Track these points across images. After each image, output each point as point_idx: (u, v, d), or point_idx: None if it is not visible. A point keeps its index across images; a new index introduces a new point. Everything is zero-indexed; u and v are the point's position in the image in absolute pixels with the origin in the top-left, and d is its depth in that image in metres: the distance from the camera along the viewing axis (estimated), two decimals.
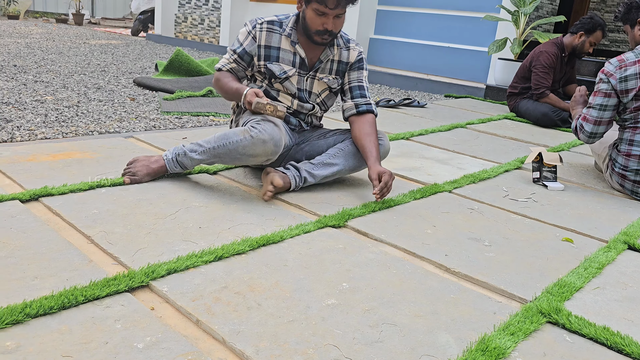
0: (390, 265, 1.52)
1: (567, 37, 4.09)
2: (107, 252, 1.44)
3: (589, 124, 2.43)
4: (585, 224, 2.03)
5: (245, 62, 2.13)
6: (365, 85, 2.23)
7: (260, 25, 2.10)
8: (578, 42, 4.02)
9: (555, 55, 4.03)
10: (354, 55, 2.20)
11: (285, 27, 2.11)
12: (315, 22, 1.98)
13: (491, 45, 4.83)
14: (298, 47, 2.11)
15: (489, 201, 2.19)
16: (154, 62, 6.16)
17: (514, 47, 4.84)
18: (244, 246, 1.51)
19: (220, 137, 1.96)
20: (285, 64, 2.12)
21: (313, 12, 1.97)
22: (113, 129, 2.86)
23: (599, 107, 2.40)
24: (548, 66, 4.02)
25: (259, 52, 2.10)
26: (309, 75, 2.16)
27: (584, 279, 1.52)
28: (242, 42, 2.11)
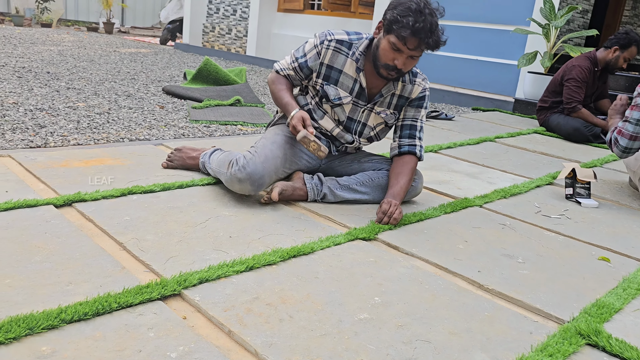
0: (423, 280, 1.49)
1: (600, 51, 4.02)
2: (139, 259, 1.45)
3: (624, 138, 2.38)
4: (622, 242, 1.97)
5: (303, 73, 2.06)
6: (418, 125, 2.11)
7: (328, 43, 2.00)
8: (612, 57, 3.95)
9: (588, 69, 3.97)
10: (417, 91, 2.06)
11: (354, 49, 2.00)
12: (387, 55, 1.85)
13: (521, 59, 4.77)
14: (362, 75, 2.00)
15: (521, 217, 2.15)
16: (182, 70, 6.23)
17: (545, 60, 4.78)
18: (275, 257, 1.50)
19: (220, 161, 2.02)
20: (343, 89, 2.03)
21: (389, 44, 1.84)
22: (143, 137, 2.89)
23: (636, 122, 2.35)
24: (581, 80, 3.95)
25: (320, 69, 2.03)
26: (367, 108, 2.06)
27: (623, 300, 1.48)
28: (306, 54, 2.03)
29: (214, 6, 9.26)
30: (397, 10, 1.81)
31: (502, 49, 5.69)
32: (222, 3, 9.08)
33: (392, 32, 1.82)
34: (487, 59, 5.83)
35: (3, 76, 4.31)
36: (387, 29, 1.84)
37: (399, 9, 1.80)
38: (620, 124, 2.43)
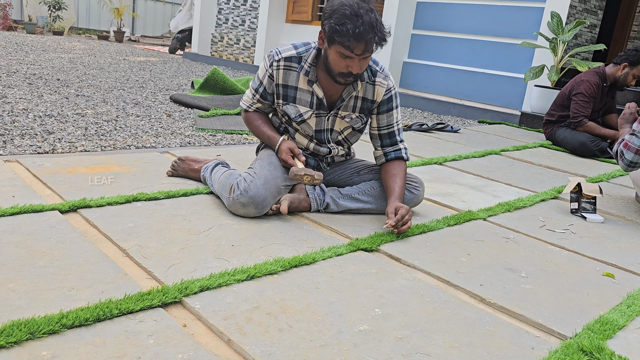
0: (424, 293, 1.49)
1: (609, 67, 4.02)
2: (141, 266, 1.45)
3: (630, 152, 2.37)
4: (627, 258, 1.96)
5: (269, 100, 2.07)
6: (396, 130, 2.08)
7: (277, 63, 1.96)
8: (621, 74, 3.94)
9: (596, 84, 3.96)
10: (380, 93, 2.01)
11: (303, 63, 1.95)
12: (338, 64, 1.82)
13: (528, 72, 4.78)
14: (316, 86, 1.97)
15: (525, 231, 2.14)
16: (190, 79, 6.28)
17: (552, 74, 4.78)
18: (276, 266, 1.51)
19: (222, 184, 2.01)
20: (302, 105, 2.01)
21: (337, 54, 1.80)
22: (150, 144, 2.91)
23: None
24: (589, 95, 3.95)
25: (277, 90, 2.02)
26: (331, 114, 2.04)
27: (627, 317, 1.46)
28: (262, 81, 2.03)
29: (223, 16, 9.34)
30: (333, 19, 1.75)
31: (509, 62, 5.69)
32: (231, 13, 9.16)
33: (335, 42, 1.77)
34: (493, 72, 5.84)
35: (14, 82, 4.36)
36: (330, 40, 1.79)
37: (334, 18, 1.75)
38: (627, 137, 2.42)
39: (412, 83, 6.60)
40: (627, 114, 2.68)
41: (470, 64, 6.05)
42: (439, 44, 6.29)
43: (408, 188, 2.12)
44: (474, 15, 5.98)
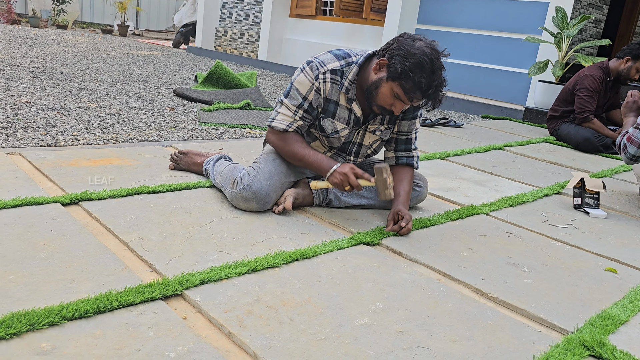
0: (425, 287, 1.48)
1: (613, 61, 3.99)
2: (142, 258, 1.45)
3: (633, 146, 2.36)
4: (630, 254, 1.95)
5: (312, 116, 1.93)
6: (413, 137, 2.06)
7: (323, 76, 1.86)
8: (624, 68, 3.92)
9: (600, 79, 3.94)
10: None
11: (344, 79, 1.87)
12: (386, 100, 1.78)
13: (532, 67, 4.75)
14: (355, 105, 1.91)
15: (528, 226, 2.13)
16: (194, 73, 6.27)
17: (556, 69, 4.75)
18: (278, 260, 1.50)
19: (224, 177, 1.99)
20: (340, 121, 1.94)
21: (391, 92, 1.76)
22: (152, 138, 2.91)
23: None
24: (593, 90, 3.93)
25: (322, 104, 1.92)
26: (361, 129, 2.00)
27: (629, 312, 1.46)
28: (306, 96, 1.87)
29: (227, 11, 9.32)
30: (408, 62, 1.68)
31: (513, 57, 5.66)
32: (235, 8, 9.14)
33: (398, 82, 1.72)
34: (497, 67, 5.81)
35: (17, 76, 4.36)
36: (394, 77, 1.72)
37: (410, 62, 1.68)
38: (630, 130, 2.39)
39: None
40: (630, 103, 2.65)
41: (474, 59, 6.02)
42: (443, 38, 6.26)
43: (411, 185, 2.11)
44: (478, 10, 5.95)
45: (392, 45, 1.77)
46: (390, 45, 1.78)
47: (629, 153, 2.37)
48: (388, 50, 1.77)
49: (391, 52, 1.75)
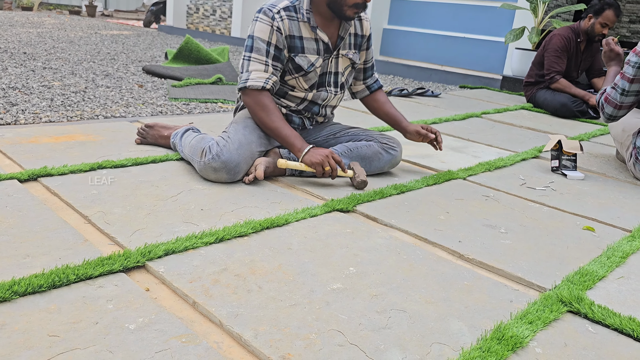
0: (400, 251, 1.44)
1: (581, 22, 3.97)
2: (103, 232, 1.38)
3: (609, 106, 2.34)
4: (607, 213, 1.93)
5: (282, 62, 1.91)
6: (373, 62, 2.24)
7: (279, 15, 1.86)
8: (588, 25, 3.88)
9: (567, 38, 3.90)
10: (367, 27, 2.11)
11: (302, 11, 1.90)
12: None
13: (508, 34, 4.70)
14: (319, 31, 1.93)
15: (505, 189, 2.10)
16: (164, 50, 6.11)
17: (532, 36, 4.71)
18: (247, 228, 1.44)
19: (193, 147, 1.92)
20: (310, 53, 1.93)
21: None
22: (119, 114, 2.81)
23: (622, 92, 2.29)
24: (560, 49, 3.89)
25: (287, 43, 1.90)
26: (333, 56, 2.00)
27: (607, 267, 1.43)
28: (269, 40, 1.86)
29: None
30: None
31: (489, 26, 5.61)
32: None
33: None
34: (474, 37, 5.76)
35: None
36: None
37: None
38: (608, 90, 2.36)
39: (393, 50, 6.50)
40: (607, 51, 2.63)
41: (450, 29, 5.96)
42: (419, 9, 6.18)
43: (385, 148, 2.07)
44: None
45: None
46: None
47: (607, 113, 2.36)
48: None
49: None
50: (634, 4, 6.78)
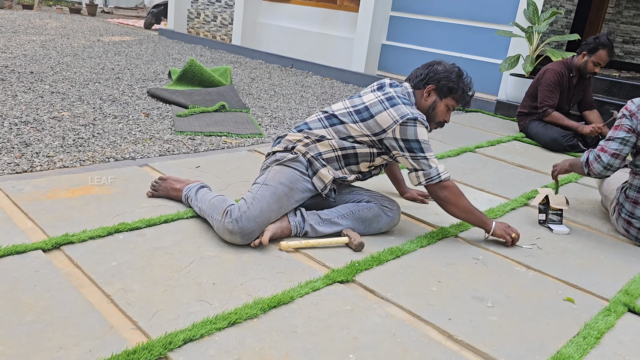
0: (396, 332, 1.58)
1: (575, 57, 4.10)
2: (126, 314, 1.52)
3: (606, 155, 2.38)
4: (588, 277, 2.08)
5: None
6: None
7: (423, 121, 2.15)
8: (582, 62, 4.03)
9: (560, 73, 4.05)
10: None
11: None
12: (444, 115, 2.27)
13: (503, 63, 4.83)
14: None
15: (494, 248, 2.24)
16: (167, 64, 6.21)
17: (527, 65, 4.84)
18: (256, 310, 1.58)
19: (214, 206, 2.06)
20: None
21: (445, 107, 2.25)
22: (128, 154, 2.93)
23: (620, 141, 2.37)
24: (553, 84, 4.04)
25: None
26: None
27: (582, 350, 1.58)
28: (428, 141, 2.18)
29: None
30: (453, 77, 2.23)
31: (486, 47, 5.74)
32: None
33: (448, 97, 2.24)
34: (471, 57, 5.88)
35: None
36: (444, 95, 2.24)
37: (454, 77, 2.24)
38: (602, 143, 2.43)
39: (391, 66, 6.62)
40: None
41: (447, 48, 6.08)
42: (417, 26, 6.29)
43: (384, 211, 2.21)
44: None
45: (428, 75, 2.24)
46: (426, 75, 2.25)
47: (603, 162, 2.39)
48: (426, 79, 2.24)
49: (432, 78, 2.23)
50: (628, 24, 6.92)
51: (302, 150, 2.15)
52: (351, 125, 2.14)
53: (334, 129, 2.17)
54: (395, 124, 2.08)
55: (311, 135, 2.17)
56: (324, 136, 2.16)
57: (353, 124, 2.14)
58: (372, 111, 2.12)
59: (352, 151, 2.17)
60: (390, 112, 2.10)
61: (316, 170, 2.13)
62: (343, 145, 2.16)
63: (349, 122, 2.15)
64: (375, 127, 2.11)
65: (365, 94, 2.24)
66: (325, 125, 2.18)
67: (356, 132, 2.14)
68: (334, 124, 2.17)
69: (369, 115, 2.12)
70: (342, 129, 2.16)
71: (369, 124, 2.12)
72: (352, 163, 2.21)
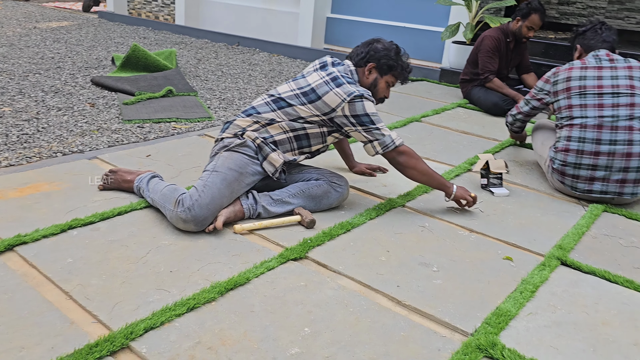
0: (348, 303, 1.68)
1: (511, 22, 4.25)
2: (86, 309, 1.56)
3: (515, 109, 3.05)
4: (525, 236, 2.23)
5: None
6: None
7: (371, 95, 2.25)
8: (516, 28, 4.18)
9: (497, 39, 4.19)
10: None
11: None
12: (385, 92, 2.37)
13: (444, 31, 4.94)
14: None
15: (439, 215, 2.36)
16: (109, 49, 6.06)
17: (467, 32, 4.97)
18: (214, 293, 1.65)
19: (165, 196, 2.09)
20: None
21: (385, 83, 2.35)
22: (76, 147, 2.91)
23: (525, 102, 2.91)
24: (491, 50, 4.18)
25: None
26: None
27: (519, 304, 1.72)
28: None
29: None
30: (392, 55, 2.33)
31: (428, 16, 5.83)
32: None
33: (388, 74, 2.34)
34: (414, 26, 5.97)
35: None
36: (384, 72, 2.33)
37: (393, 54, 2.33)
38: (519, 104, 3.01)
39: (337, 39, 6.64)
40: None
41: (392, 19, 6.14)
42: None
43: (334, 187, 2.29)
44: None
45: (369, 53, 2.31)
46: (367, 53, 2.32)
47: (511, 114, 3.08)
48: (367, 57, 2.31)
49: (372, 57, 2.31)
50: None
51: (251, 136, 2.20)
52: (300, 107, 2.20)
53: (282, 111, 2.22)
54: (344, 102, 2.15)
55: (261, 120, 2.22)
56: (273, 119, 2.21)
57: (302, 105, 2.20)
58: (319, 92, 2.18)
59: (303, 132, 2.23)
60: (337, 91, 2.16)
61: (266, 155, 2.19)
62: (294, 127, 2.22)
63: (297, 105, 2.20)
64: (324, 107, 2.18)
65: (309, 74, 2.29)
66: (274, 109, 2.23)
67: (306, 113, 2.20)
68: (282, 107, 2.22)
69: (316, 96, 2.18)
70: (291, 111, 2.21)
71: (317, 105, 2.18)
72: (304, 145, 2.27)
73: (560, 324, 1.66)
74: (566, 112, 2.64)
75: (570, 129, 2.60)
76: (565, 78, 2.66)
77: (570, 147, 2.58)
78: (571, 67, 2.69)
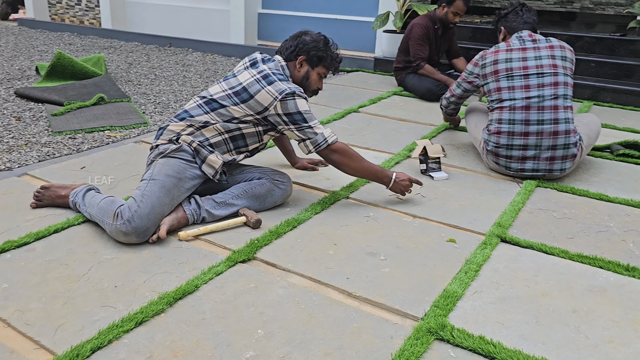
0: (299, 300, 1.68)
1: (437, 9, 4.36)
2: (26, 335, 1.49)
3: (448, 92, 3.13)
4: (466, 217, 2.30)
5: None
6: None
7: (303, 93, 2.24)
8: (442, 14, 4.30)
9: (426, 27, 4.30)
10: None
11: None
12: (317, 83, 2.38)
13: (375, 21, 5.01)
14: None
15: (383, 203, 2.40)
16: (33, 58, 5.79)
17: (396, 20, 5.05)
18: (162, 305, 1.61)
19: (102, 210, 2.02)
20: None
21: (317, 75, 2.36)
22: (3, 165, 2.76)
23: (457, 84, 2.99)
24: (421, 38, 4.28)
25: None
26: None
27: (464, 284, 1.77)
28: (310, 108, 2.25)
29: None
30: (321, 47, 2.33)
31: (358, 7, 5.89)
32: None
33: (319, 66, 2.35)
34: (346, 17, 6.01)
35: None
36: (315, 64, 2.34)
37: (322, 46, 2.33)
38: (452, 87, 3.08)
39: (270, 34, 6.61)
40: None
41: (323, 11, 6.16)
42: None
43: (277, 184, 2.28)
44: None
45: (298, 46, 2.33)
46: (296, 46, 2.34)
47: (445, 97, 3.16)
48: (296, 50, 2.33)
49: (302, 49, 2.32)
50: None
51: (187, 140, 2.15)
52: (233, 107, 2.17)
53: (215, 113, 2.18)
54: (276, 100, 2.14)
55: (194, 123, 2.18)
56: (207, 122, 2.18)
57: (234, 106, 2.17)
58: (251, 91, 2.16)
59: (239, 132, 2.21)
60: (268, 89, 2.15)
61: (204, 158, 2.16)
62: (229, 128, 2.19)
63: (230, 105, 2.17)
64: (257, 106, 2.16)
65: (239, 73, 2.26)
66: (207, 111, 2.19)
67: (239, 113, 2.17)
68: (215, 109, 2.19)
69: (248, 96, 2.16)
70: (224, 112, 2.18)
71: (250, 105, 2.16)
72: (240, 145, 2.25)
73: (504, 299, 1.73)
74: (496, 95, 2.73)
75: (500, 112, 2.70)
76: (492, 61, 2.76)
77: (502, 130, 2.68)
78: (497, 50, 2.79)
